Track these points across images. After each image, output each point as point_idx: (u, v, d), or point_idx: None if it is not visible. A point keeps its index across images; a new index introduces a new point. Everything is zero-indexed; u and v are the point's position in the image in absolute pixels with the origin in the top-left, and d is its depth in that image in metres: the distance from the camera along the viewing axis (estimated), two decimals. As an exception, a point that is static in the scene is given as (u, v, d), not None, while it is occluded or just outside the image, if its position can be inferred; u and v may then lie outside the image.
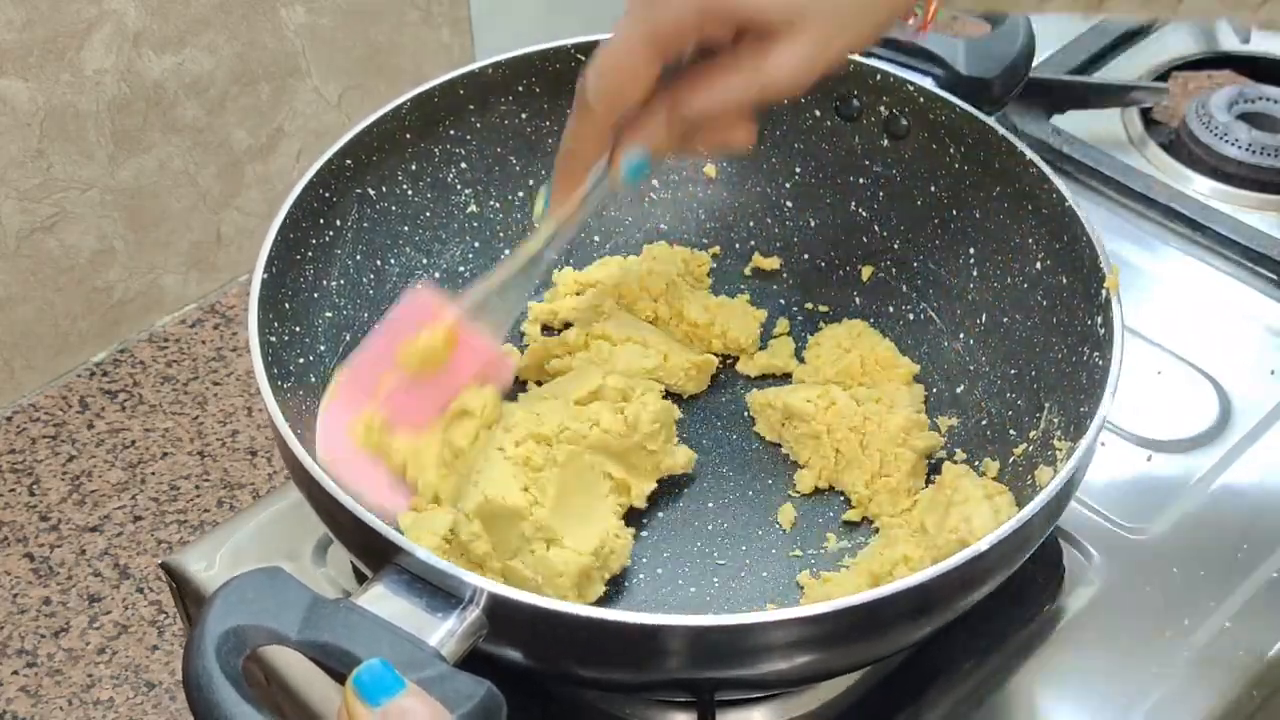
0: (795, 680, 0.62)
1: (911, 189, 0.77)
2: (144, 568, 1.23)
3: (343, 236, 0.73)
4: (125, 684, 1.15)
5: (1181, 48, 1.02)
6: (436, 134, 0.76)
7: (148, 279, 1.40)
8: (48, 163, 1.26)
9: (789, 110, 0.79)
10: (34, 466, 1.30)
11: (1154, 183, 0.90)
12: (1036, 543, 0.60)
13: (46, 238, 1.30)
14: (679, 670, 0.55)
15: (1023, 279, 0.72)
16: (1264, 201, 0.90)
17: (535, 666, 0.57)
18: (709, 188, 0.82)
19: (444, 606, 0.52)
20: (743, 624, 0.53)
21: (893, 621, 0.55)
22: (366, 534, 0.55)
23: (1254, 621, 0.69)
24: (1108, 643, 0.68)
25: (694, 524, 0.70)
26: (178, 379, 1.37)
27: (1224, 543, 0.72)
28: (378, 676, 0.47)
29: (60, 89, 1.23)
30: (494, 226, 0.80)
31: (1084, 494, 0.72)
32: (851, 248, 0.80)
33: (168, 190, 1.36)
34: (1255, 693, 0.67)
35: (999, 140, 0.72)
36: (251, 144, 1.40)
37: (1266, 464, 0.75)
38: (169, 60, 1.29)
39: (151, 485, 1.29)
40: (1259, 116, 0.94)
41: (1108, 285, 0.64)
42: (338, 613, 0.51)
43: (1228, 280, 0.86)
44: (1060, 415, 0.66)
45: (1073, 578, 0.70)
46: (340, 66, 1.42)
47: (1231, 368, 0.80)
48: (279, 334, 0.67)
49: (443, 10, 1.46)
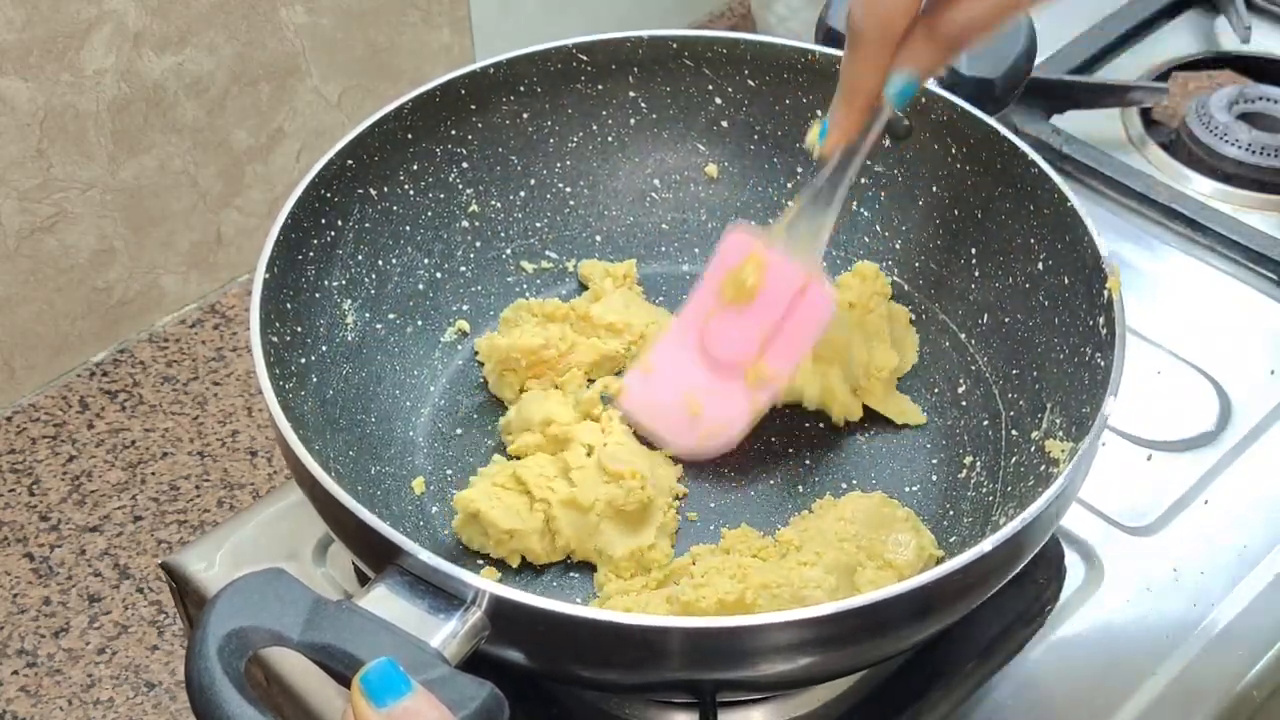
0: (797, 681, 0.62)
1: (913, 189, 0.78)
2: (144, 568, 1.23)
3: (344, 237, 0.73)
4: (125, 684, 1.15)
5: (1181, 48, 1.02)
6: (438, 134, 0.76)
7: (148, 279, 1.40)
8: (48, 163, 1.26)
9: (790, 111, 0.79)
10: (34, 466, 1.30)
11: (1154, 183, 0.90)
12: (1038, 544, 0.60)
13: (46, 238, 1.30)
14: (680, 671, 0.55)
15: (1024, 279, 0.72)
16: (1264, 201, 0.90)
17: (537, 667, 0.57)
18: (710, 188, 0.82)
19: (446, 608, 0.52)
20: (744, 625, 0.53)
21: (895, 623, 0.55)
22: (368, 535, 0.55)
23: (1254, 622, 0.69)
24: (1108, 643, 0.68)
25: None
26: (178, 379, 1.37)
27: (1224, 543, 0.72)
28: (386, 677, 0.47)
29: (60, 89, 1.23)
30: (495, 226, 0.80)
31: (1084, 494, 0.72)
32: (853, 248, 0.80)
33: (168, 190, 1.36)
34: (1255, 693, 0.67)
35: (1001, 141, 0.72)
36: (251, 144, 1.40)
37: (1266, 464, 0.75)
38: (169, 60, 1.29)
39: (151, 485, 1.29)
40: (1259, 116, 0.94)
41: (1109, 286, 0.64)
42: (340, 614, 0.51)
43: (1228, 280, 0.86)
44: (1062, 415, 0.66)
45: (1073, 578, 0.70)
46: (340, 66, 1.42)
47: (1231, 368, 0.80)
48: (280, 334, 0.67)
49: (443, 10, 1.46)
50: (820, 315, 0.69)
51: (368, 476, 0.69)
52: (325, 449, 0.66)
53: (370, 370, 0.73)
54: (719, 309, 0.69)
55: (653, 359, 0.71)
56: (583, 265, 0.81)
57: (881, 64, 0.60)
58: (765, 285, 0.68)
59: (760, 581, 0.61)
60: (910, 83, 0.61)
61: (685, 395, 0.69)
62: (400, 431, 0.73)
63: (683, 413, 0.69)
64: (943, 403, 0.74)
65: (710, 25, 1.90)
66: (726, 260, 0.69)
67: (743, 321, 0.69)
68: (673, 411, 0.69)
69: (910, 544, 0.65)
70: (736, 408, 0.69)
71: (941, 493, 0.71)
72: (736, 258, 0.69)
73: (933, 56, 0.60)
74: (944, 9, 0.59)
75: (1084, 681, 0.67)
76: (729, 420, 0.69)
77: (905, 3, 0.58)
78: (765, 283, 0.68)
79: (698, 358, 0.70)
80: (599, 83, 0.79)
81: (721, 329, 0.69)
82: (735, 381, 0.69)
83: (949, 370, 0.75)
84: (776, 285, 0.68)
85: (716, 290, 0.69)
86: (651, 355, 0.71)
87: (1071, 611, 0.69)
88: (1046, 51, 0.98)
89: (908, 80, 0.61)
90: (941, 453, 0.73)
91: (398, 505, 0.69)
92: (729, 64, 0.79)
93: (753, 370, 0.69)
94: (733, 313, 0.69)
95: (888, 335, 0.75)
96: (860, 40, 0.60)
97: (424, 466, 0.72)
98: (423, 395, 0.75)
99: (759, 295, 0.68)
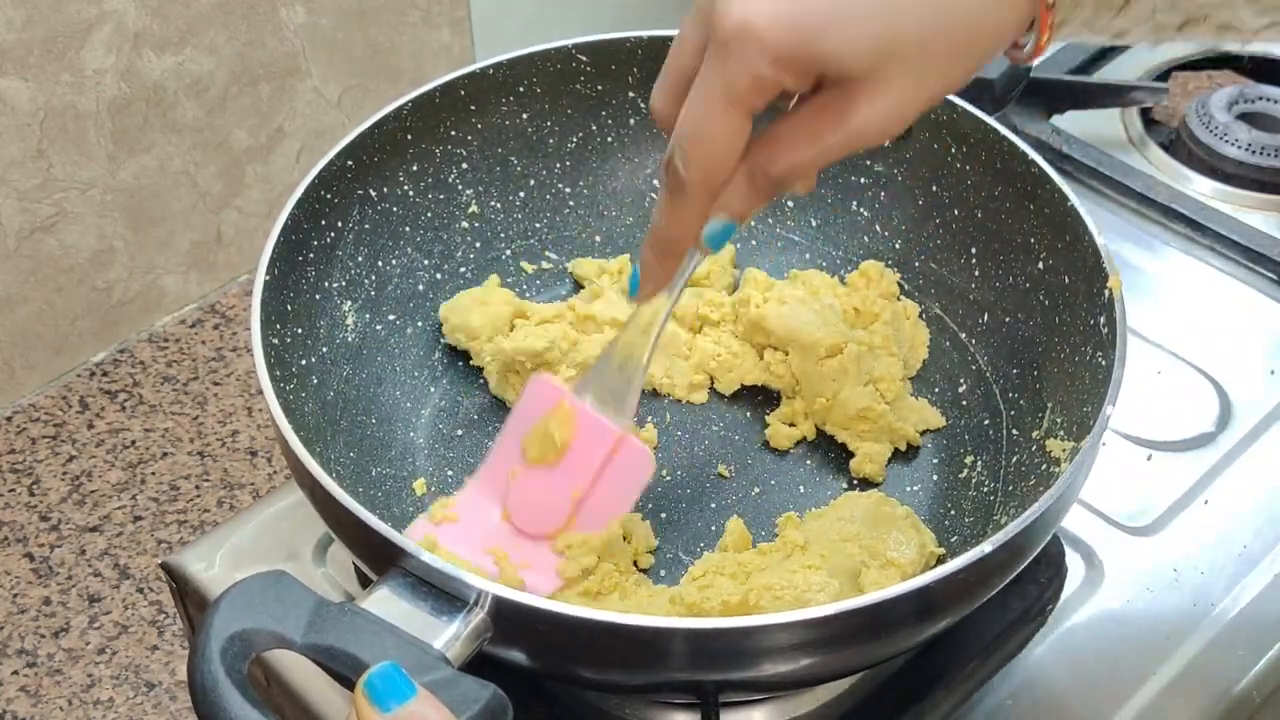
0: (799, 682, 0.62)
1: (913, 189, 0.78)
2: (144, 568, 1.22)
3: (344, 238, 0.73)
4: (125, 684, 1.15)
5: (1181, 48, 1.02)
6: (437, 135, 0.76)
7: (148, 279, 1.39)
8: (48, 163, 1.26)
9: (790, 111, 0.79)
10: (34, 466, 1.30)
11: (1154, 183, 0.90)
12: (1039, 544, 0.60)
13: (46, 238, 1.30)
14: (683, 672, 0.55)
15: (1025, 279, 0.72)
16: (1264, 201, 0.90)
17: (540, 669, 0.57)
18: (710, 188, 0.82)
19: (449, 609, 0.52)
20: (745, 626, 0.53)
21: (896, 623, 0.55)
22: (371, 536, 0.55)
23: (1254, 621, 0.69)
24: (1108, 643, 0.68)
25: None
26: (178, 379, 1.37)
27: (1224, 543, 0.72)
28: (389, 681, 0.47)
29: (60, 89, 1.23)
30: (495, 227, 0.80)
31: (1084, 494, 0.72)
32: (853, 248, 0.80)
33: (168, 190, 1.36)
34: (1255, 693, 0.67)
35: (1001, 140, 0.72)
36: (251, 144, 1.40)
37: (1266, 464, 0.75)
38: (169, 60, 1.29)
39: (151, 485, 1.29)
40: (1259, 116, 0.94)
41: (1111, 286, 0.64)
42: (343, 616, 0.51)
43: (1228, 280, 0.86)
44: (1063, 415, 0.66)
45: (1073, 578, 0.70)
46: (340, 66, 1.42)
47: (1231, 368, 0.80)
48: (281, 336, 0.67)
49: (443, 10, 1.46)
50: (637, 475, 0.64)
51: (369, 478, 0.69)
52: (326, 451, 0.66)
53: (371, 371, 0.73)
54: (523, 469, 0.64)
55: (456, 510, 0.65)
56: (576, 263, 0.81)
57: (703, 213, 0.55)
58: (575, 440, 0.63)
59: (764, 583, 0.61)
60: (728, 226, 0.56)
61: (492, 551, 0.63)
62: (401, 433, 0.73)
63: (491, 566, 0.63)
64: (943, 402, 0.74)
65: (709, 24, 1.90)
66: (530, 411, 0.64)
67: (551, 484, 0.63)
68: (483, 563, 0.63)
69: (911, 542, 0.65)
70: (546, 573, 0.63)
71: (942, 492, 0.71)
72: (540, 409, 0.63)
73: (753, 201, 0.56)
74: (764, 153, 0.54)
75: (1084, 681, 0.67)
76: (536, 584, 0.63)
77: (732, 150, 0.53)
78: (575, 437, 0.63)
79: (500, 522, 0.65)
80: (599, 83, 0.79)
81: (527, 493, 0.64)
82: (543, 545, 0.64)
83: (949, 370, 0.75)
84: (587, 441, 0.63)
85: (520, 447, 0.64)
86: (454, 506, 0.65)
87: (1072, 611, 0.69)
88: (1046, 51, 0.98)
89: (725, 224, 0.56)
90: (942, 452, 0.73)
91: (399, 507, 0.69)
92: (729, 64, 0.79)
93: (563, 537, 0.64)
94: (540, 474, 0.64)
95: (894, 345, 0.74)
96: (684, 190, 0.54)
97: (425, 468, 0.72)
98: (423, 396, 0.75)
99: (567, 453, 0.63)
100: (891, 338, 0.74)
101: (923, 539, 0.66)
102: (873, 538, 0.65)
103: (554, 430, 0.63)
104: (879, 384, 0.72)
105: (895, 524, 0.66)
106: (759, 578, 0.62)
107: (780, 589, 0.61)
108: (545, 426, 0.63)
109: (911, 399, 0.74)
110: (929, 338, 0.77)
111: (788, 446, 0.73)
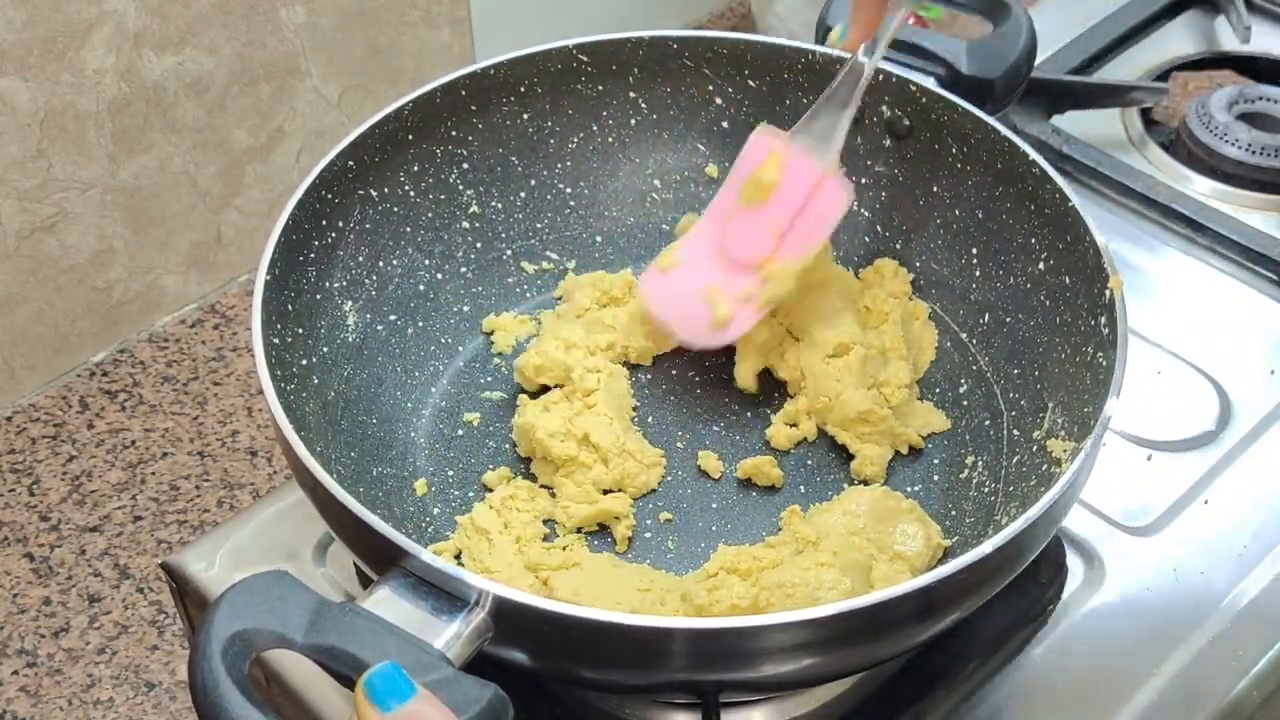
0: (800, 681, 0.62)
1: (914, 189, 0.78)
2: (144, 568, 1.23)
3: (345, 238, 0.73)
4: (125, 684, 1.15)
5: (1181, 48, 1.02)
6: (438, 135, 0.76)
7: (148, 279, 1.40)
8: (48, 163, 1.26)
9: (790, 111, 0.79)
10: (34, 466, 1.30)
11: (1154, 183, 0.90)
12: (1041, 544, 0.60)
13: (46, 238, 1.30)
14: (684, 672, 0.55)
15: (1025, 279, 0.72)
16: (1264, 201, 0.90)
17: (541, 669, 0.57)
18: (710, 188, 0.82)
19: (449, 609, 0.52)
20: (746, 626, 0.53)
21: (897, 624, 0.55)
22: (371, 537, 0.55)
23: (1254, 621, 0.69)
24: (1109, 643, 0.68)
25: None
26: (178, 379, 1.37)
27: (1224, 543, 0.72)
28: (389, 680, 0.47)
29: (60, 89, 1.23)
30: (496, 227, 0.80)
31: (1085, 494, 0.72)
32: (854, 248, 0.80)
33: (168, 190, 1.36)
34: (1255, 693, 0.67)
35: (1001, 140, 0.72)
36: (251, 144, 1.40)
37: (1266, 464, 0.75)
38: (169, 60, 1.29)
39: (151, 485, 1.29)
40: (1259, 116, 0.94)
41: (1112, 286, 0.64)
42: (344, 616, 0.51)
43: (1228, 280, 0.86)
44: (1064, 416, 0.66)
45: (1074, 578, 0.70)
46: (340, 66, 1.42)
47: (1231, 368, 0.80)
48: (281, 335, 0.67)
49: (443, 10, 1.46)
50: (834, 209, 0.72)
51: (370, 478, 0.69)
52: (327, 451, 0.66)
53: (371, 372, 0.73)
54: (738, 210, 0.73)
55: (675, 255, 0.75)
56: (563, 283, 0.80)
57: None
58: (782, 181, 0.72)
59: (776, 581, 0.61)
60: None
61: (704, 289, 0.72)
62: (402, 433, 0.73)
63: (698, 305, 0.72)
64: (944, 402, 0.74)
65: (710, 25, 1.91)
66: (749, 160, 0.73)
67: (759, 221, 0.72)
68: (688, 304, 0.73)
69: (918, 534, 0.65)
70: (746, 309, 0.72)
71: (943, 492, 0.71)
72: (758, 157, 0.72)
73: None
74: None
75: (1085, 681, 0.67)
76: (740, 315, 0.72)
77: None
78: (782, 178, 0.72)
79: (716, 256, 0.73)
80: (599, 83, 0.79)
81: (740, 229, 0.73)
82: (750, 277, 0.72)
83: (950, 370, 0.75)
84: (793, 181, 0.72)
85: (737, 191, 0.73)
86: (675, 253, 0.75)
87: (1072, 611, 0.69)
88: (1046, 51, 0.98)
89: None
90: (943, 452, 0.73)
91: (400, 507, 0.69)
92: (729, 64, 0.79)
93: (766, 265, 0.72)
94: (750, 212, 0.72)
95: (903, 347, 0.74)
96: None
97: (426, 468, 0.72)
98: (424, 397, 0.75)
99: (775, 192, 0.72)
100: (902, 340, 0.74)
101: (929, 531, 0.66)
102: (880, 531, 0.65)
103: (767, 173, 0.72)
104: (885, 388, 0.72)
105: (901, 517, 0.66)
106: (771, 575, 0.62)
107: (793, 586, 0.61)
108: (758, 175, 0.72)
109: (917, 402, 0.74)
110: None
111: (788, 446, 0.73)
